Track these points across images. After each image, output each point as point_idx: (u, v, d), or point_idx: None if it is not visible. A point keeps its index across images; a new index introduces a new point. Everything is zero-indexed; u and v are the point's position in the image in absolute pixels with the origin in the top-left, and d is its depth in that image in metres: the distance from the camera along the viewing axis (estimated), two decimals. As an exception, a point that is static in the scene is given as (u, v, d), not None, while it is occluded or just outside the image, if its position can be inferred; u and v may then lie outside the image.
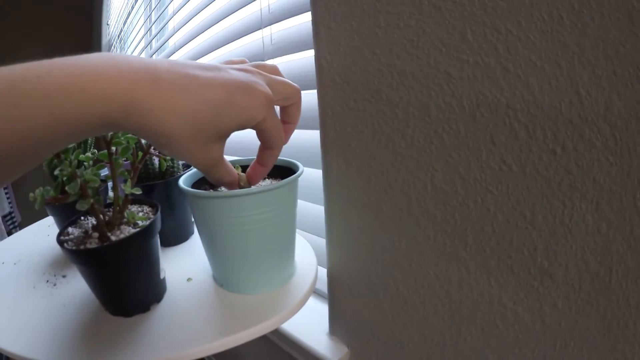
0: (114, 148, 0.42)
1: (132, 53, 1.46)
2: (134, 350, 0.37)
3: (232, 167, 0.34)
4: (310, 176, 0.58)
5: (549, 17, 0.28)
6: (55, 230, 0.76)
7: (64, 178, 0.39)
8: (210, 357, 1.22)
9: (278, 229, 0.42)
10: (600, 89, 0.27)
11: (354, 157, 0.44)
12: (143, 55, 1.34)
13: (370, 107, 0.40)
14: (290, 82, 0.33)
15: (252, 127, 0.30)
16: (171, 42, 1.04)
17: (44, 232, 0.78)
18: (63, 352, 0.38)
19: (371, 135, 0.41)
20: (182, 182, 0.44)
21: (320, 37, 0.43)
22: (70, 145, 0.41)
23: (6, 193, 1.90)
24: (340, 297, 0.55)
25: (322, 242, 0.57)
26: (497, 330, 0.37)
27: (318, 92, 0.46)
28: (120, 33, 1.60)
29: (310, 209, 0.61)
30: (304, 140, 0.61)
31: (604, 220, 0.29)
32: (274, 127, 0.31)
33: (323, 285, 0.58)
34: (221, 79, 0.27)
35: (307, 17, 0.59)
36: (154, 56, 1.26)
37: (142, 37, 1.31)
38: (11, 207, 1.97)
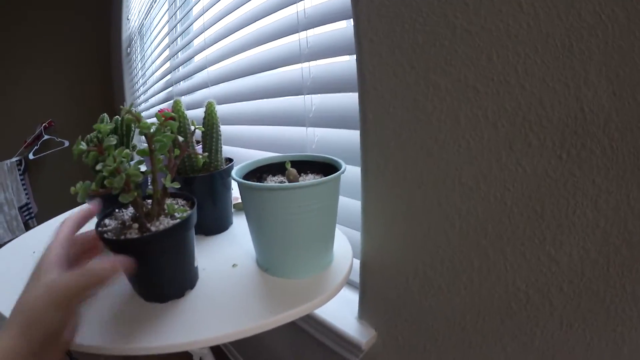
0: (154, 145, 0.45)
1: (154, 49, 1.56)
2: (177, 329, 0.43)
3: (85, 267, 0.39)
4: (347, 172, 0.65)
5: (562, 44, 0.36)
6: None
7: (107, 173, 0.42)
8: (228, 346, 1.32)
9: (321, 219, 0.51)
10: (601, 107, 0.35)
11: (392, 156, 0.54)
12: (167, 52, 1.42)
13: (408, 114, 0.50)
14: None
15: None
16: (197, 41, 1.12)
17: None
18: (97, 336, 0.43)
19: (407, 138, 0.51)
20: (235, 174, 0.52)
21: (363, 49, 0.53)
22: (113, 142, 0.44)
23: (23, 184, 2.03)
24: (371, 282, 0.64)
25: (354, 234, 0.66)
26: (511, 310, 0.46)
27: (360, 98, 0.56)
28: (140, 28, 1.69)
29: (346, 202, 0.69)
30: (342, 139, 0.70)
31: (602, 216, 0.37)
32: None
33: (354, 274, 0.66)
34: None
35: (341, 24, 0.68)
36: (178, 54, 1.33)
37: (167, 35, 1.40)
38: (28, 199, 2.09)
